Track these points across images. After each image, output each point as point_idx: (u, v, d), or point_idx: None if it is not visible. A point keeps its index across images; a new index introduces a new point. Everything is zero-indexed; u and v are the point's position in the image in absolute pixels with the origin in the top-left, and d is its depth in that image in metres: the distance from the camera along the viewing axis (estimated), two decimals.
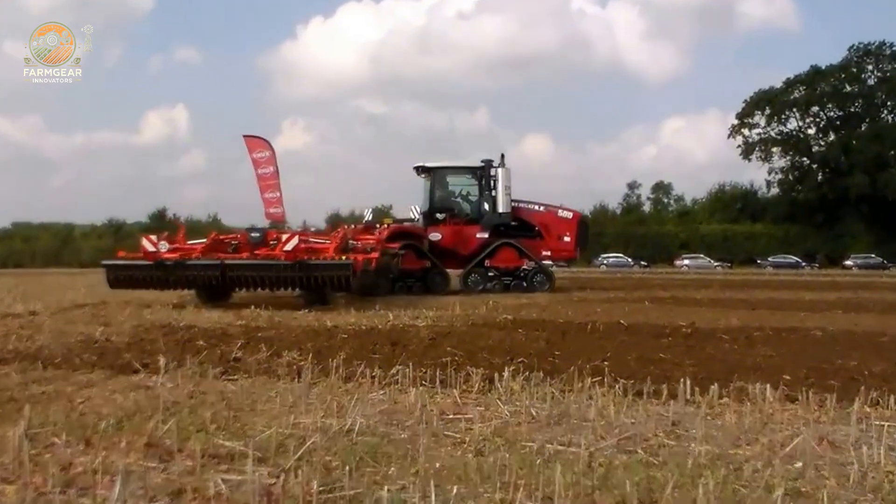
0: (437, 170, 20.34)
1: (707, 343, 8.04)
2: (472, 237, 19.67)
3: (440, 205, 20.15)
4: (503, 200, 19.57)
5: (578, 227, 20.05)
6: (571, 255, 20.44)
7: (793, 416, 4.61)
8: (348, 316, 10.89)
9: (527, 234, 19.98)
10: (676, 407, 4.77)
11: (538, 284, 19.15)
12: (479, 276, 19.28)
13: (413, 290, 18.73)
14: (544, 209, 20.34)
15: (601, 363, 6.37)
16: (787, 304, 14.62)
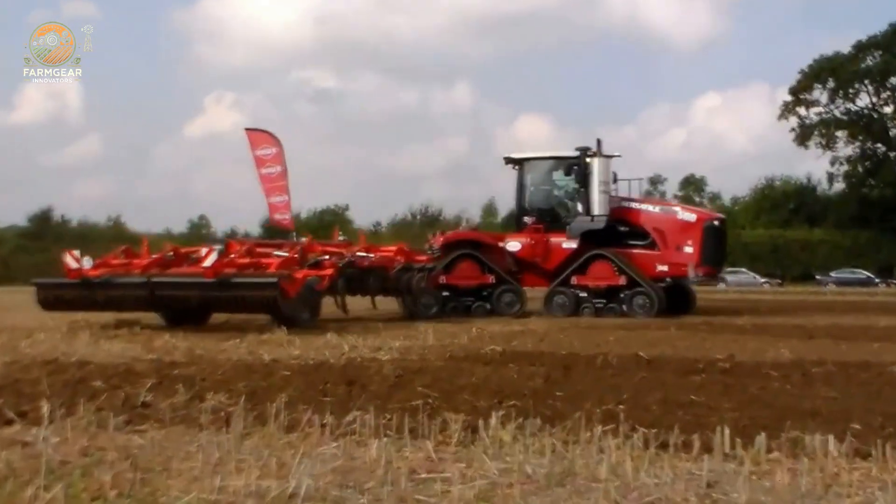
0: (524, 162, 21.01)
1: (751, 381, 8.15)
2: (557, 247, 20.13)
3: (529, 206, 20.82)
4: (599, 200, 19.85)
5: (705, 233, 20.01)
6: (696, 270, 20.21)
7: (864, 477, 4.69)
8: (292, 348, 10.94)
9: (636, 242, 20.26)
10: (712, 463, 4.86)
11: (638, 308, 19.25)
12: (566, 297, 19.66)
13: (472, 313, 19.62)
14: (660, 210, 20.76)
15: (615, 407, 6.44)
16: (855, 332, 14.78)
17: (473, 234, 21.35)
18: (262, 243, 18.58)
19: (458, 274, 20.40)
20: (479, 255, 20.33)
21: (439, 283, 20.28)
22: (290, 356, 9.96)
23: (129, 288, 14.41)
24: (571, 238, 19.90)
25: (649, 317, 18.68)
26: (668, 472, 4.68)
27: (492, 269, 20.14)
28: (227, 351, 10.63)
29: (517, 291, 19.95)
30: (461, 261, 20.48)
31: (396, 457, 4.92)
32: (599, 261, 19.61)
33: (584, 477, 4.59)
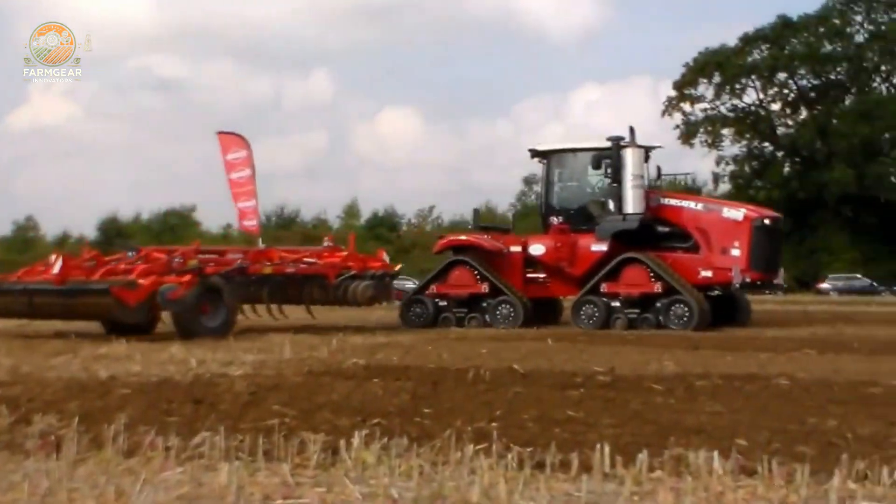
0: (551, 154, 20.65)
1: (632, 396, 8.33)
2: (584, 250, 19.57)
3: (558, 204, 20.48)
4: (632, 196, 19.22)
5: (754, 234, 19.31)
6: (737, 276, 19.25)
7: (750, 495, 4.85)
8: (131, 363, 10.75)
9: (678, 244, 19.75)
10: (591, 484, 4.96)
11: (676, 319, 18.53)
12: (595, 306, 19.04)
13: (463, 325, 19.30)
14: (703, 207, 20.21)
15: (488, 425, 6.52)
16: (741, 343, 15.18)
17: (471, 239, 20.90)
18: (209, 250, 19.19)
19: (451, 282, 20.14)
20: (472, 262, 19.96)
21: (429, 291, 20.20)
22: (130, 373, 9.78)
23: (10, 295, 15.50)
24: (601, 239, 19.35)
25: (688, 330, 17.92)
26: (545, 494, 4.76)
27: (486, 277, 19.78)
28: (57, 368, 10.37)
29: (514, 302, 19.35)
30: (455, 268, 20.25)
31: (249, 482, 4.90)
32: (633, 265, 18.94)
33: (455, 500, 4.64)
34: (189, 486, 4.84)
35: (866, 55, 72.59)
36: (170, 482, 4.93)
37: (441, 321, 19.69)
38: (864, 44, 72.78)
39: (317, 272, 18.45)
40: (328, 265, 18.70)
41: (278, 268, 17.96)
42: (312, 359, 11.55)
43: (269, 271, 17.68)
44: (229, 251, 18.96)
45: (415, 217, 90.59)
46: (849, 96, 73.87)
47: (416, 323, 19.57)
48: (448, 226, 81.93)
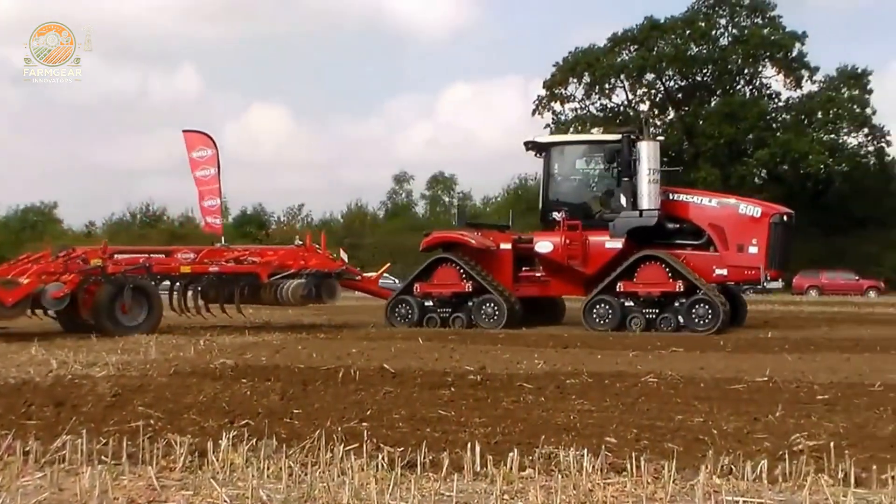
0: (553, 147, 20.10)
1: (503, 395, 8.42)
2: (598, 248, 18.97)
3: (558, 199, 19.75)
4: (648, 191, 18.75)
5: (772, 231, 18.80)
6: (759, 274, 18.87)
7: (619, 492, 4.93)
8: None
9: (690, 242, 19.24)
10: (462, 483, 4.99)
11: (698, 320, 17.99)
12: (610, 306, 18.46)
13: (447, 325, 18.88)
14: (718, 203, 19.58)
15: (358, 425, 6.54)
16: (610, 342, 15.35)
17: (457, 236, 20.12)
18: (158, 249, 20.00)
19: (436, 281, 19.64)
20: (457, 260, 19.39)
21: (415, 291, 19.65)
22: None
23: None
24: (616, 236, 18.74)
25: (711, 331, 17.52)
26: (416, 494, 4.77)
27: (470, 276, 19.25)
28: None
29: (499, 302, 18.83)
30: (440, 266, 19.71)
31: (113, 486, 4.81)
32: (650, 263, 18.38)
33: (325, 501, 4.62)
34: (49, 492, 4.73)
35: (730, 58, 74.19)
36: (28, 488, 4.82)
37: (427, 321, 19.31)
38: (728, 47, 74.44)
39: (248, 271, 18.30)
40: (261, 264, 18.51)
41: (200, 267, 17.84)
42: (179, 359, 11.42)
43: (187, 270, 17.63)
44: (180, 250, 18.78)
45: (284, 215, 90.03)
46: (714, 98, 75.48)
47: (402, 324, 19.13)
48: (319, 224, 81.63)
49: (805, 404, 8.06)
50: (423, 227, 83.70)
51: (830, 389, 8.97)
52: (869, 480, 5.10)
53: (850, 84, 69.39)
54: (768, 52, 71.66)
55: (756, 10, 73.04)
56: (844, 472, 5.15)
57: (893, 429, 6.82)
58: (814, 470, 5.20)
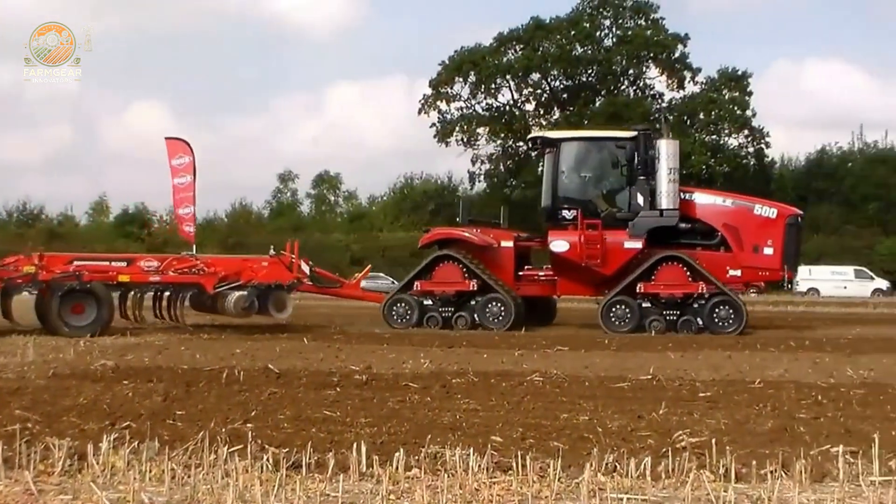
0: (564, 143, 19.46)
1: (389, 394, 8.45)
2: (617, 248, 18.55)
3: (569, 196, 19.16)
4: (668, 190, 18.42)
5: (787, 232, 18.69)
6: (776, 275, 18.97)
7: (505, 491, 4.97)
8: None
9: (702, 242, 18.93)
10: (348, 483, 4.99)
11: (721, 322, 17.84)
12: (628, 308, 18.09)
13: (452, 326, 18.39)
14: (733, 204, 19.29)
15: (242, 426, 6.51)
16: (497, 340, 15.50)
17: (459, 233, 19.78)
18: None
19: (437, 279, 19.13)
20: (462, 258, 18.98)
21: (414, 289, 19.15)
22: None
23: None
24: (635, 236, 18.41)
25: (734, 333, 17.41)
26: (301, 495, 4.76)
27: (475, 274, 18.84)
28: None
29: (506, 301, 18.50)
30: (441, 263, 19.24)
31: None
32: (669, 264, 18.17)
33: (209, 503, 4.58)
34: None
35: (615, 58, 75.16)
36: None
37: (427, 321, 18.89)
38: (612, 48, 75.39)
39: (192, 281, 18.13)
40: (206, 275, 18.16)
41: (139, 277, 17.72)
42: (58, 361, 11.21)
43: (125, 279, 17.48)
44: (144, 258, 18.89)
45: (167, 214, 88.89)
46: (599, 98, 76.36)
47: (400, 324, 18.75)
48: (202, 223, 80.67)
49: (688, 402, 8.24)
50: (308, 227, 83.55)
51: (712, 387, 9.18)
52: (749, 475, 5.24)
53: (730, 86, 70.85)
54: (651, 53, 72.83)
55: (639, 12, 74.17)
56: (725, 468, 5.27)
57: (773, 425, 7.01)
58: (696, 466, 5.31)
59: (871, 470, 5.31)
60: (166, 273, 18.00)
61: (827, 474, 5.35)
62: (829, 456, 5.69)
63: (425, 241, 20.24)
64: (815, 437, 6.42)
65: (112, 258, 19.29)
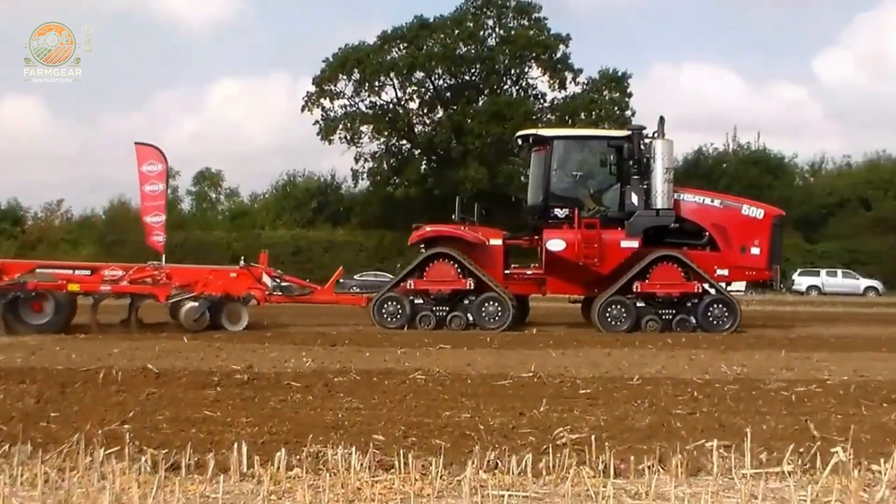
0: (558, 141, 19.14)
1: (271, 393, 8.40)
2: (613, 247, 18.39)
3: (563, 195, 18.85)
4: (663, 190, 18.42)
5: (772, 232, 18.89)
6: (763, 275, 19.12)
7: (387, 490, 4.99)
8: None
9: (690, 241, 18.89)
10: (229, 484, 4.95)
11: (716, 321, 18.00)
12: (624, 307, 18.04)
13: (447, 325, 18.12)
14: (721, 204, 19.31)
15: (120, 427, 6.41)
16: (378, 339, 15.55)
17: (453, 230, 19.41)
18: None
19: (431, 277, 18.77)
20: (458, 256, 18.72)
21: (406, 288, 18.72)
22: None
23: None
24: (631, 236, 18.35)
25: (729, 331, 17.78)
26: (180, 497, 4.72)
27: (472, 273, 18.59)
28: None
29: (503, 300, 18.32)
30: (436, 261, 18.86)
31: None
32: (665, 263, 18.28)
33: None
34: None
35: (498, 58, 75.60)
36: None
37: (420, 321, 18.53)
38: (495, 47, 75.83)
39: (145, 292, 17.97)
40: (159, 286, 18.08)
41: (90, 286, 17.50)
42: None
43: (75, 289, 17.20)
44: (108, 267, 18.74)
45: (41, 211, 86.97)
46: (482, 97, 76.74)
47: (391, 323, 18.43)
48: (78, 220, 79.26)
49: (568, 399, 8.34)
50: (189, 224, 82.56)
51: (592, 384, 9.31)
52: (627, 471, 5.33)
53: (611, 87, 71.91)
54: (534, 52, 73.46)
55: (522, 12, 74.83)
56: (604, 464, 5.36)
57: (650, 421, 7.13)
58: (576, 462, 5.38)
59: (744, 463, 5.47)
60: (120, 283, 17.94)
61: (702, 468, 5.49)
62: (703, 450, 5.82)
63: (419, 239, 19.73)
64: (691, 432, 6.57)
65: (76, 266, 19.39)
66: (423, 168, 77.17)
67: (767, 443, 6.13)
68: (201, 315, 17.37)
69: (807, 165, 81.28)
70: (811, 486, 5.06)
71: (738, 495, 4.89)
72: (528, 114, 70.91)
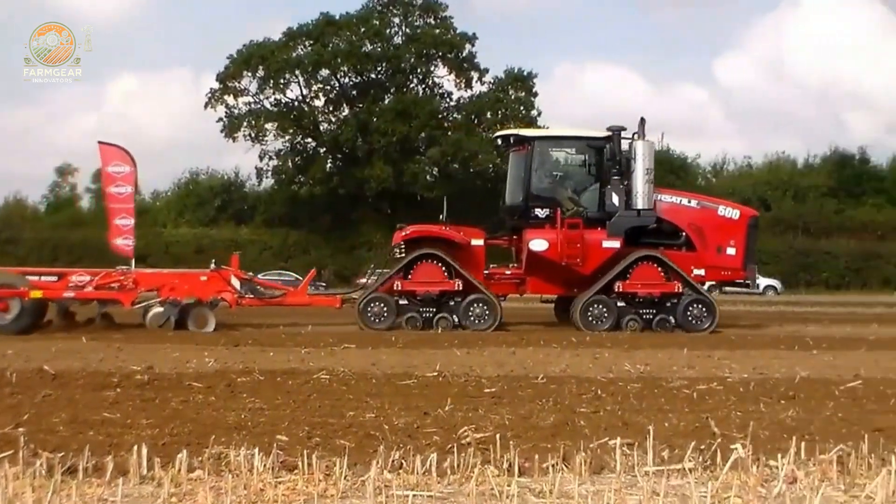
0: (538, 141, 19.08)
1: (172, 394, 8.30)
2: (595, 247, 18.40)
3: (543, 195, 18.76)
4: (643, 191, 18.43)
5: (748, 232, 19.03)
6: (738, 275, 19.25)
7: (290, 491, 4.95)
8: None
9: (666, 241, 18.89)
10: (128, 487, 4.88)
11: (695, 320, 18.10)
12: (606, 307, 18.05)
13: (434, 326, 17.85)
14: (698, 205, 19.43)
15: (14, 430, 6.30)
16: (282, 338, 15.42)
17: (440, 230, 19.30)
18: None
19: (418, 278, 18.54)
20: (445, 257, 18.55)
21: (392, 289, 18.40)
22: None
23: None
24: (613, 236, 18.45)
25: (707, 331, 17.95)
26: (77, 501, 4.64)
27: (459, 274, 18.42)
28: None
29: (490, 301, 18.26)
30: (422, 262, 18.64)
31: None
32: (645, 263, 18.40)
33: None
34: None
35: (404, 56, 75.71)
36: None
37: (406, 322, 18.28)
38: (401, 45, 75.93)
39: (109, 298, 17.97)
40: (124, 291, 17.91)
41: (52, 293, 17.46)
42: None
43: (38, 295, 17.13)
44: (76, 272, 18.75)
45: None
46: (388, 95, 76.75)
47: (377, 324, 18.16)
48: None
49: (473, 398, 8.37)
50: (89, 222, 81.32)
51: (497, 383, 9.36)
52: (532, 469, 5.36)
53: (516, 86, 72.41)
54: (440, 51, 73.74)
55: (428, 11, 75.07)
56: (509, 463, 5.38)
57: (555, 419, 7.18)
58: (481, 461, 5.39)
59: (646, 460, 5.54)
60: (84, 289, 17.83)
61: (605, 466, 5.55)
62: (607, 448, 5.88)
63: (404, 240, 19.48)
64: (595, 430, 6.63)
65: (42, 272, 19.23)
66: (329, 166, 76.96)
67: (669, 440, 6.21)
68: (167, 320, 17.29)
69: (709, 166, 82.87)
70: (711, 482, 5.15)
71: (640, 492, 4.94)
72: (433, 113, 71.20)
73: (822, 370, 11.05)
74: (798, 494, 4.98)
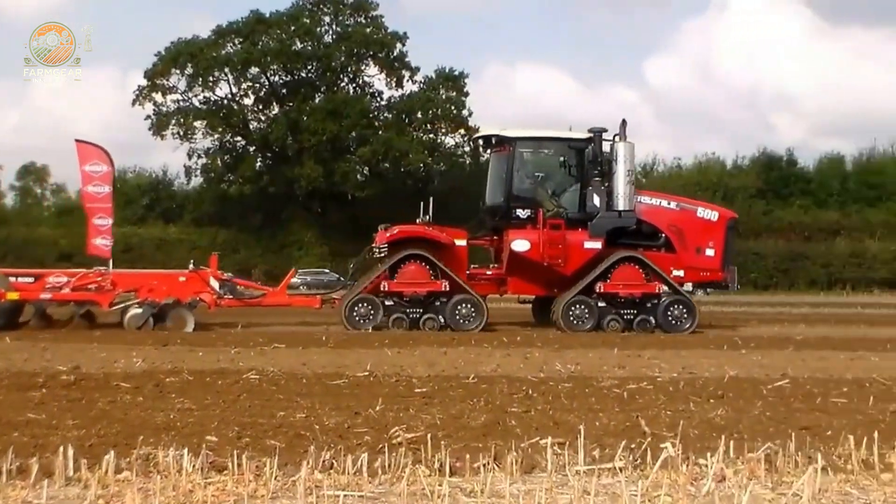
0: (520, 142, 18.86)
1: (99, 395, 8.22)
2: (577, 248, 18.36)
3: (524, 196, 18.67)
4: (625, 192, 18.44)
5: (726, 234, 19.08)
6: (716, 276, 19.20)
7: (220, 492, 4.93)
8: None
9: (646, 243, 18.88)
10: (53, 489, 4.83)
11: (675, 321, 18.17)
12: (586, 307, 18.05)
13: (420, 327, 17.73)
14: (678, 206, 19.47)
15: None
16: (212, 338, 15.36)
17: (422, 230, 19.07)
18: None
19: (404, 279, 18.42)
20: (431, 257, 18.41)
21: (381, 289, 18.21)
22: None
23: None
24: (595, 237, 18.47)
25: (687, 331, 18.06)
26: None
27: (446, 274, 18.33)
28: None
29: (476, 302, 18.22)
30: (409, 263, 18.51)
31: None
32: (626, 264, 18.45)
33: None
34: None
35: (334, 55, 75.51)
36: None
37: (393, 323, 18.15)
38: (332, 44, 75.76)
39: (87, 299, 17.97)
40: (102, 293, 17.85)
41: (29, 294, 17.47)
42: None
43: (14, 297, 17.18)
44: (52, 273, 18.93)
45: None
46: (318, 94, 76.54)
47: (363, 325, 18.01)
48: None
49: (404, 397, 8.39)
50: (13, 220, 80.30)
51: (428, 383, 9.38)
52: (463, 469, 5.38)
53: (447, 86, 72.48)
54: (371, 50, 73.66)
55: (359, 10, 74.94)
56: (440, 463, 5.39)
57: (486, 419, 7.21)
58: (412, 461, 5.40)
59: (577, 460, 5.58)
60: (61, 290, 17.78)
61: (536, 465, 5.59)
62: (538, 448, 5.92)
63: (390, 240, 19.15)
64: (526, 430, 6.67)
65: (19, 273, 19.01)
66: (258, 165, 76.52)
67: (600, 439, 6.27)
68: (145, 321, 17.24)
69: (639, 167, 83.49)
70: (642, 480, 5.21)
71: (571, 492, 4.97)
72: (364, 112, 71.10)
73: (751, 370, 11.21)
74: (727, 493, 5.05)
